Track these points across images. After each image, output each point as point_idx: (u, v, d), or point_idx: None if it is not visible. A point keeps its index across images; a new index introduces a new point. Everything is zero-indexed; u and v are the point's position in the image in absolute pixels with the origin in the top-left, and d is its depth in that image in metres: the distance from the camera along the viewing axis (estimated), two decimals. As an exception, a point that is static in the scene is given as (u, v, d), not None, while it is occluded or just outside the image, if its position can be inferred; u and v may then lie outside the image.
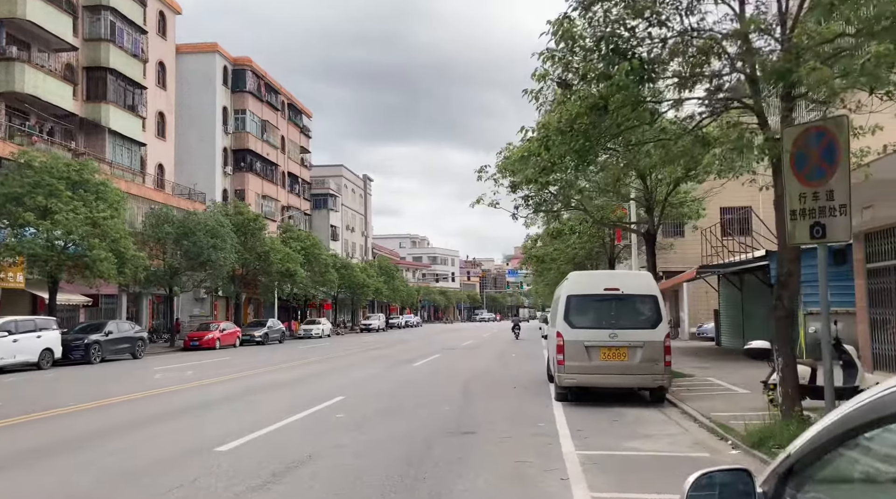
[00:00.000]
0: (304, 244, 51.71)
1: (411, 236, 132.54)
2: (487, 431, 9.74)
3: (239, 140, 55.57)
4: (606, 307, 12.39)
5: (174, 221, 35.56)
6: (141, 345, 28.84)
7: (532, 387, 15.30)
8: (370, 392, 14.56)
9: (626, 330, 12.09)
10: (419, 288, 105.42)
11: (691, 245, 32.87)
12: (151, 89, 43.48)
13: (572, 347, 12.17)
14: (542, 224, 25.60)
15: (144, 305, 42.33)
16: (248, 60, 56.33)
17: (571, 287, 12.71)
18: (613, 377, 12.15)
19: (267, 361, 25.60)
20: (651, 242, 16.83)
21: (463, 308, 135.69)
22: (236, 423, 10.56)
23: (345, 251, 77.80)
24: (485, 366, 21.42)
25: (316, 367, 22.15)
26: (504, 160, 17.80)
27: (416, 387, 15.55)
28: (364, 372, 19.73)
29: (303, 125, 70.19)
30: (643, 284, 12.58)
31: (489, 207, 17.85)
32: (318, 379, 17.88)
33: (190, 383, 17.28)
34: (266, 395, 14.41)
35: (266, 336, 42.30)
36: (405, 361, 24.00)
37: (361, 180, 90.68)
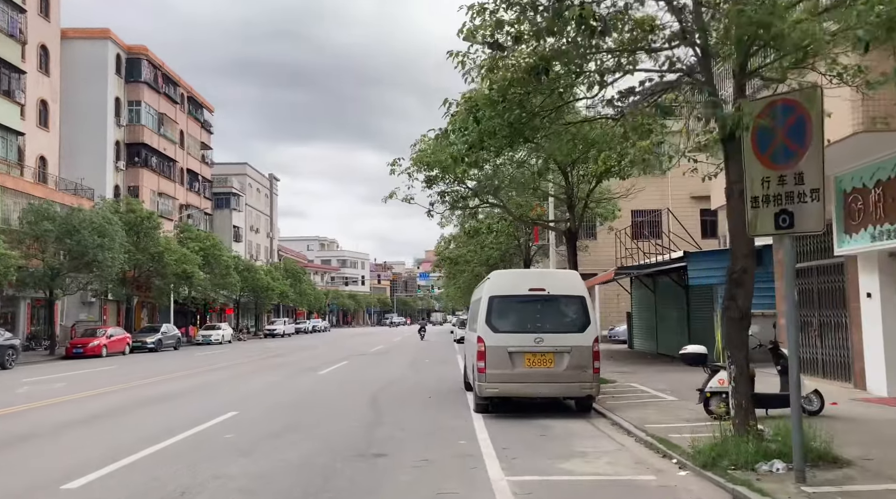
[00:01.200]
0: (202, 245, 48.80)
1: (320, 239, 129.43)
2: (401, 451, 8.44)
3: (133, 133, 51.93)
4: (532, 309, 11.33)
5: (55, 217, 32.38)
6: (12, 353, 25.85)
7: (448, 396, 14.10)
8: (268, 406, 12.97)
9: (552, 334, 11.07)
10: (328, 292, 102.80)
11: (603, 247, 32.71)
12: (32, 74, 39.77)
13: (495, 353, 11.03)
14: (457, 223, 24.54)
15: (22, 310, 38.52)
16: (144, 49, 52.79)
17: (494, 287, 11.58)
18: (539, 386, 11.08)
19: (156, 370, 23.32)
20: (572, 241, 15.98)
21: (373, 312, 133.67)
22: (98, 449, 8.81)
23: (248, 253, 74.57)
24: (396, 373, 20.10)
25: (210, 376, 20.20)
26: (419, 152, 16.60)
27: (321, 399, 14.05)
28: (263, 382, 18.01)
29: (204, 120, 66.72)
30: (570, 284, 11.59)
31: (403, 201, 16.55)
32: (209, 391, 16.05)
33: (57, 397, 15.10)
34: (145, 411, 12.56)
35: (159, 343, 39.34)
36: (309, 368, 22.34)
37: (267, 180, 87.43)
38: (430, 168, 16.61)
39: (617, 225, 27.19)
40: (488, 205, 18.65)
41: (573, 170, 15.96)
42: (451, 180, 17.00)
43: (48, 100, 41.90)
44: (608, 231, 26.59)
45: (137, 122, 52.03)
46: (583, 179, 16.51)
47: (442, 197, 17.74)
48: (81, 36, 48.64)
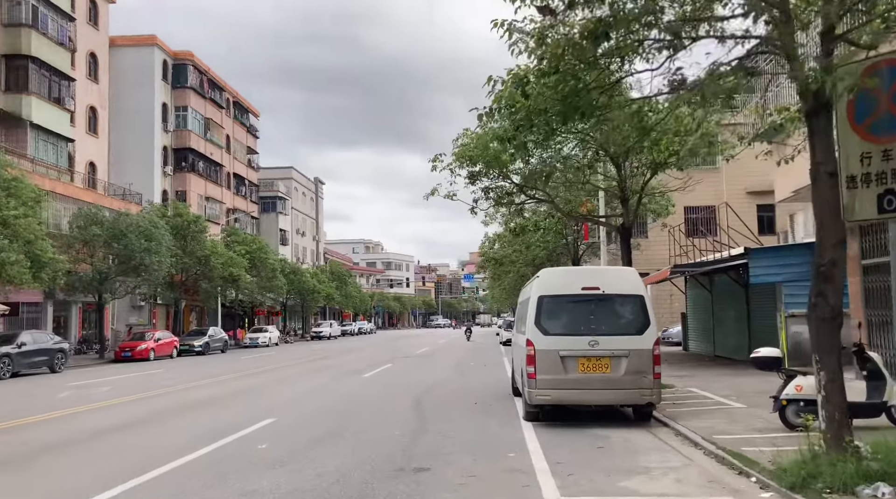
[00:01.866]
0: (249, 248, 49.01)
1: (364, 242, 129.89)
2: (445, 465, 7.75)
3: (180, 138, 52.53)
4: (585, 310, 10.51)
5: (104, 222, 32.68)
6: (61, 357, 26.02)
7: (495, 403, 13.36)
8: (308, 412, 12.42)
9: (608, 337, 10.24)
10: (373, 294, 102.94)
11: (656, 246, 31.49)
12: (82, 82, 40.41)
13: (545, 357, 10.25)
14: (502, 221, 23.73)
15: (74, 314, 39.12)
16: (190, 55, 53.38)
17: (543, 286, 10.79)
18: (594, 393, 10.26)
19: (201, 373, 23.14)
20: (626, 237, 15.07)
21: (418, 314, 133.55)
22: (129, 459, 8.35)
23: (295, 256, 74.98)
24: (441, 376, 19.43)
25: (254, 380, 19.85)
26: (461, 147, 15.91)
27: (363, 404, 13.46)
28: (306, 385, 17.54)
29: (249, 124, 67.29)
30: (627, 283, 10.73)
31: (445, 198, 15.91)
32: (251, 395, 15.62)
33: (99, 402, 14.86)
34: (183, 417, 12.14)
35: (207, 346, 39.51)
36: (354, 371, 21.85)
37: (312, 183, 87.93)
38: (472, 163, 15.95)
39: (669, 222, 26.07)
40: (535, 200, 17.86)
41: (626, 161, 15.05)
42: (496, 175, 16.28)
43: (97, 106, 42.54)
44: (661, 228, 25.47)
45: (184, 128, 52.60)
46: (637, 171, 15.58)
47: (486, 193, 17.02)
48: (129, 43, 49.38)
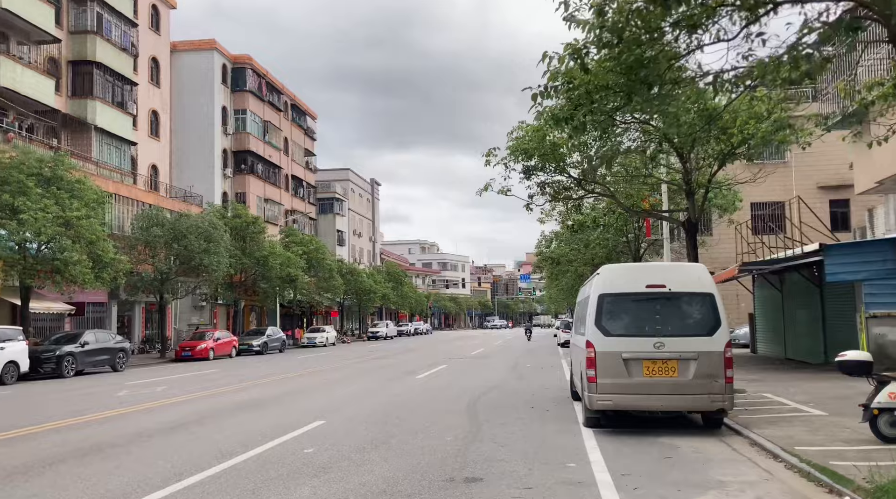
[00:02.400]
0: (306, 248, 49.39)
1: (420, 242, 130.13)
2: (499, 475, 7.21)
3: (239, 141, 53.36)
4: (649, 309, 9.81)
5: (164, 223, 33.27)
6: (122, 356, 26.47)
7: (553, 407, 12.73)
8: (358, 414, 12.04)
9: (675, 338, 9.52)
10: (429, 294, 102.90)
11: (721, 244, 30.18)
12: (144, 86, 41.36)
13: (607, 360, 9.60)
14: (559, 218, 22.98)
15: (137, 314, 40.03)
16: (248, 58, 54.18)
17: (604, 284, 10.13)
18: (660, 398, 9.55)
19: (256, 373, 23.16)
20: (692, 233, 14.22)
21: (474, 315, 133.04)
22: (168, 463, 8.08)
23: (352, 256, 75.48)
24: (497, 378, 18.87)
25: (307, 380, 19.68)
26: (516, 140, 15.32)
27: (416, 406, 13.01)
28: (359, 386, 17.22)
29: (307, 127, 68.00)
30: (696, 280, 9.97)
31: (499, 194, 15.33)
32: (302, 396, 15.37)
33: (151, 402, 14.84)
34: (231, 418, 11.91)
35: (265, 345, 39.90)
36: (408, 372, 21.48)
37: (369, 185, 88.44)
38: (528, 157, 15.35)
39: (736, 218, 24.89)
40: (594, 195, 17.12)
41: (692, 151, 14.20)
42: (552, 169, 15.63)
43: (159, 110, 43.47)
44: (727, 224, 24.29)
45: (243, 130, 53.40)
46: (703, 163, 14.70)
47: (542, 188, 16.40)
48: (190, 48, 50.41)
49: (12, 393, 18.32)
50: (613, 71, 6.03)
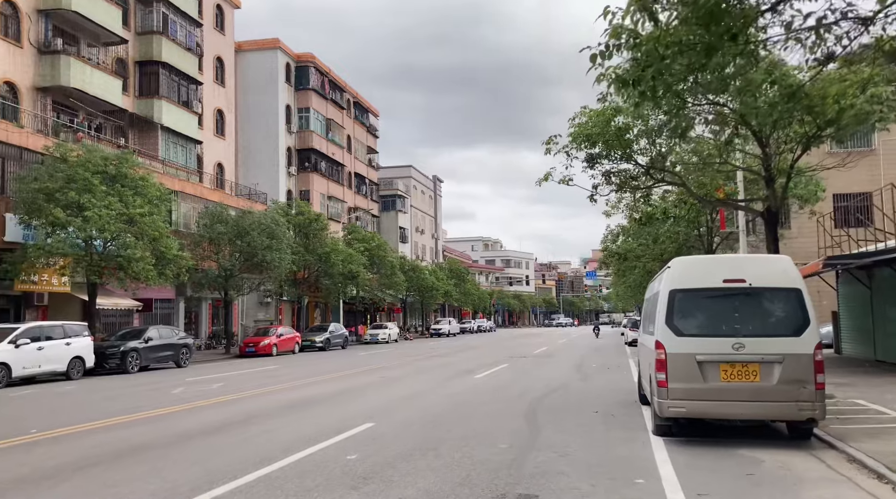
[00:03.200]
0: (368, 245, 49.32)
1: (483, 239, 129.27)
2: (557, 492, 6.42)
3: (303, 139, 53.75)
4: (728, 306, 8.82)
5: (228, 220, 33.56)
6: (185, 352, 26.70)
7: (619, 411, 11.81)
8: (410, 416, 11.42)
9: (757, 339, 8.52)
10: (492, 292, 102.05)
11: (801, 237, 28.34)
12: (209, 86, 41.97)
13: (679, 362, 8.67)
14: (625, 210, 21.83)
15: (204, 310, 40.67)
16: (312, 57, 54.48)
17: (675, 278, 9.18)
18: (740, 406, 8.55)
19: (316, 370, 22.91)
20: (772, 224, 13.02)
21: (538, 313, 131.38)
22: (202, 469, 7.61)
23: (414, 253, 75.36)
24: (560, 379, 17.98)
25: (364, 378, 19.24)
26: (578, 127, 14.41)
27: (471, 409, 12.30)
28: (414, 386, 16.63)
29: (369, 124, 68.11)
30: (780, 273, 8.91)
31: (560, 183, 14.44)
32: (355, 396, 14.87)
33: (203, 400, 14.61)
34: (278, 419, 11.45)
35: (327, 342, 39.95)
36: (466, 371, 20.80)
37: (431, 181, 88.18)
38: (591, 144, 14.40)
39: (817, 210, 23.23)
40: (663, 184, 16.01)
41: (772, 134, 12.99)
42: (618, 157, 14.65)
43: (224, 109, 44.06)
44: (808, 216, 22.66)
45: (307, 128, 53.76)
46: (784, 147, 13.45)
47: (607, 178, 15.41)
48: (254, 48, 51.02)
49: (75, 388, 18.51)
50: (688, 21, 5.15)
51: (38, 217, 23.01)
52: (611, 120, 13.35)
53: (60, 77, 29.11)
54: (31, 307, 27.48)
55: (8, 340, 19.37)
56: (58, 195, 22.76)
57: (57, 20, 30.25)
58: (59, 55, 29.24)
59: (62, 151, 24.11)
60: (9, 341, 19.36)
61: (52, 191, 22.85)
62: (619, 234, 32.22)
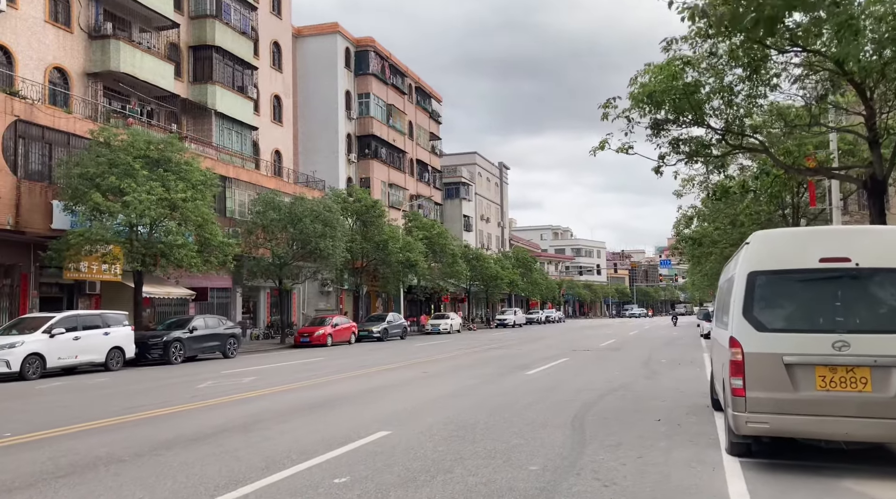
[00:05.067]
0: (429, 233, 47.93)
1: (553, 228, 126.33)
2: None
3: (363, 126, 52.77)
4: (826, 293, 6.80)
5: (281, 207, 32.68)
6: (233, 342, 25.87)
7: (687, 420, 9.86)
8: (435, 423, 9.78)
9: (867, 335, 6.49)
10: (561, 281, 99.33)
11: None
12: (265, 71, 41.31)
13: (761, 365, 6.73)
14: (699, 189, 19.48)
15: (262, 299, 40.19)
16: (371, 41, 53.36)
17: (757, 257, 7.19)
18: (843, 423, 6.52)
19: (363, 362, 21.60)
20: (878, 193, 10.72)
21: (611, 303, 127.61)
22: (174, 486, 6.20)
23: (479, 242, 73.69)
24: (623, 377, 16.00)
25: (405, 373, 17.75)
26: (641, 86, 12.39)
27: (510, 414, 10.57)
28: (456, 384, 14.99)
29: (432, 110, 66.65)
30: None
31: (619, 152, 12.48)
32: (386, 394, 13.35)
33: (225, 396, 13.40)
34: (283, 425, 10.00)
35: (385, 332, 38.79)
36: (520, 366, 19.02)
37: (497, 169, 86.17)
38: (656, 106, 12.36)
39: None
40: (742, 150, 13.75)
41: (877, 85, 10.67)
42: (688, 121, 12.55)
43: (281, 95, 43.37)
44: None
45: (367, 115, 52.74)
46: (893, 98, 11.06)
47: (674, 146, 13.31)
48: (312, 32, 50.29)
49: (106, 381, 17.71)
50: None
51: (80, 203, 22.49)
52: (677, 75, 11.32)
53: (110, 62, 28.72)
54: (83, 296, 27.24)
55: (42, 330, 18.79)
56: (99, 180, 22.15)
57: (107, 4, 29.89)
58: (109, 40, 28.85)
59: (106, 135, 23.53)
60: (43, 331, 18.78)
61: (94, 176, 22.26)
62: (692, 217, 29.64)
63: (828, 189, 15.86)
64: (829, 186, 15.45)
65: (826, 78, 11.38)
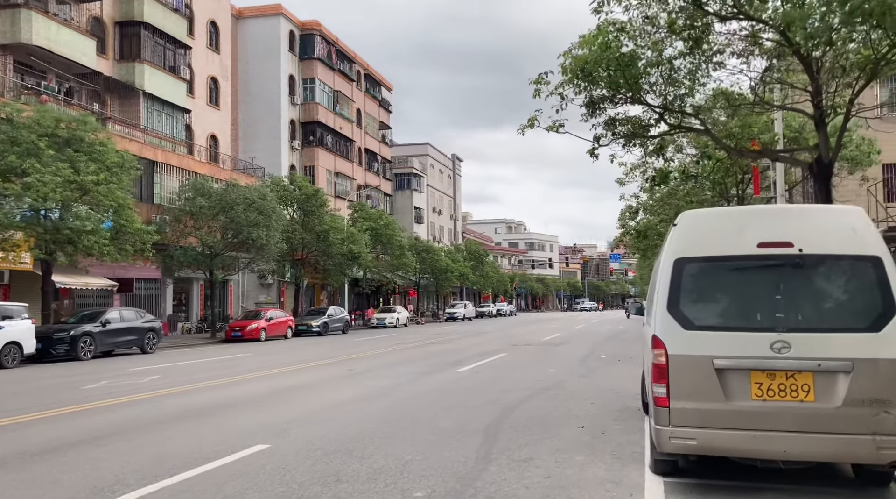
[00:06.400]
0: (375, 224, 46.47)
1: (507, 221, 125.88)
2: None
3: (308, 112, 50.96)
4: (765, 284, 5.73)
5: (211, 194, 30.88)
6: (152, 337, 24.12)
7: (614, 426, 8.80)
8: (326, 434, 8.52)
9: (811, 334, 5.45)
10: (514, 275, 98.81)
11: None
12: (202, 51, 39.29)
13: (688, 370, 5.64)
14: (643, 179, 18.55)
15: (196, 291, 38.25)
16: (317, 24, 51.53)
17: (684, 242, 6.09)
18: (783, 440, 5.46)
19: (285, 359, 20.19)
20: (824, 178, 9.81)
21: (563, 296, 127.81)
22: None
23: (431, 234, 72.48)
24: (557, 375, 14.97)
25: (328, 371, 16.44)
26: (575, 59, 11.28)
27: (417, 421, 9.38)
28: (375, 384, 13.73)
29: (382, 98, 65.04)
30: (847, 233, 5.76)
31: (550, 131, 11.36)
32: (288, 397, 12.01)
33: (108, 399, 11.90)
34: (158, 433, 8.62)
35: (325, 326, 37.27)
36: (453, 363, 17.87)
37: (450, 160, 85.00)
38: (591, 81, 11.26)
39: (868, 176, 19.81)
40: (682, 131, 12.78)
41: (825, 56, 9.74)
42: (624, 98, 11.48)
43: (219, 78, 41.37)
44: (859, 183, 19.24)
45: (312, 101, 50.97)
46: (841, 80, 10.14)
47: (611, 127, 12.26)
48: (254, 14, 48.29)
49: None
50: None
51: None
52: (611, 45, 10.23)
53: (21, 33, 26.59)
54: (-11, 286, 25.18)
55: (-78, 323, 16.91)
56: (-2, 160, 20.24)
57: (20, -27, 27.65)
58: (20, 9, 26.67)
59: (8, 111, 21.55)
60: (-77, 324, 16.90)
61: (-8, 155, 20.32)
62: (637, 209, 28.92)
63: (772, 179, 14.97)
64: (773, 177, 14.54)
65: (771, 50, 10.44)
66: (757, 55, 10.89)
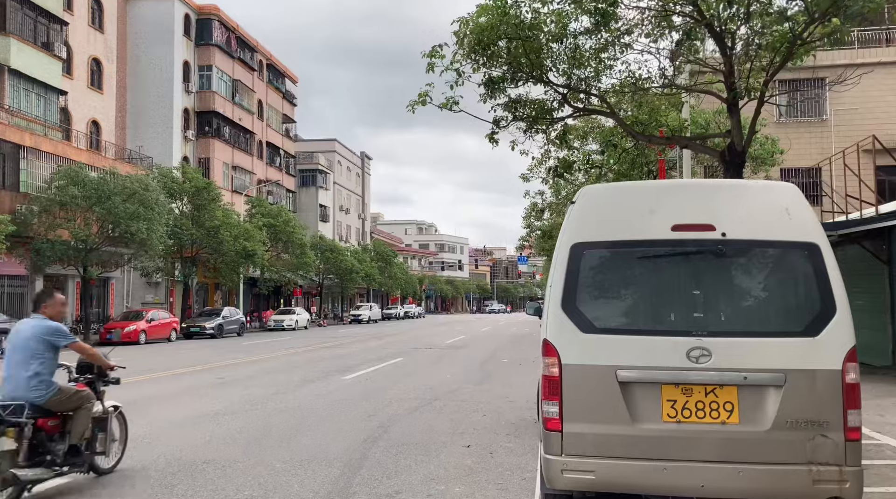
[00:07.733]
0: (273, 221, 44.14)
1: (418, 222, 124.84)
2: None
3: (204, 100, 48.04)
4: (679, 277, 4.59)
5: (86, 182, 28.04)
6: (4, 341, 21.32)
7: (503, 445, 7.57)
8: (161, 456, 6.91)
9: (734, 339, 4.33)
10: (423, 277, 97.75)
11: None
12: (82, 29, 36.05)
13: (587, 382, 4.43)
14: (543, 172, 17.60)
15: (71, 289, 34.90)
16: (215, 9, 48.69)
17: (583, 223, 4.87)
18: (700, 472, 4.31)
19: (155, 365, 18.09)
20: (737, 166, 8.97)
21: (472, 298, 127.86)
22: None
23: (337, 234, 70.33)
24: (453, 381, 13.74)
25: (198, 378, 14.61)
26: (474, 28, 10.06)
27: (275, 441, 7.88)
28: (244, 393, 12.06)
29: (286, 91, 62.49)
30: (779, 216, 4.68)
31: (444, 109, 10.09)
32: (142, 409, 10.20)
33: None
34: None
35: (219, 328, 34.90)
36: (342, 369, 16.35)
37: (359, 158, 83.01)
38: (491, 58, 10.05)
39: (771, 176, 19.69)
40: (586, 114, 11.79)
41: (737, 32, 8.89)
42: (525, 77, 10.33)
43: (102, 59, 38.13)
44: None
45: (208, 89, 48.10)
46: (755, 56, 9.33)
47: (512, 109, 11.11)
48: (146, -6, 45.06)
49: None
50: None
51: None
52: (510, 11, 9.08)
53: None
54: None
55: None
56: None
57: None
58: None
59: None
60: None
61: None
62: (543, 208, 28.25)
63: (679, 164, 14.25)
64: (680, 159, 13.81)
65: (682, 25, 9.57)
66: (668, 33, 10.00)
